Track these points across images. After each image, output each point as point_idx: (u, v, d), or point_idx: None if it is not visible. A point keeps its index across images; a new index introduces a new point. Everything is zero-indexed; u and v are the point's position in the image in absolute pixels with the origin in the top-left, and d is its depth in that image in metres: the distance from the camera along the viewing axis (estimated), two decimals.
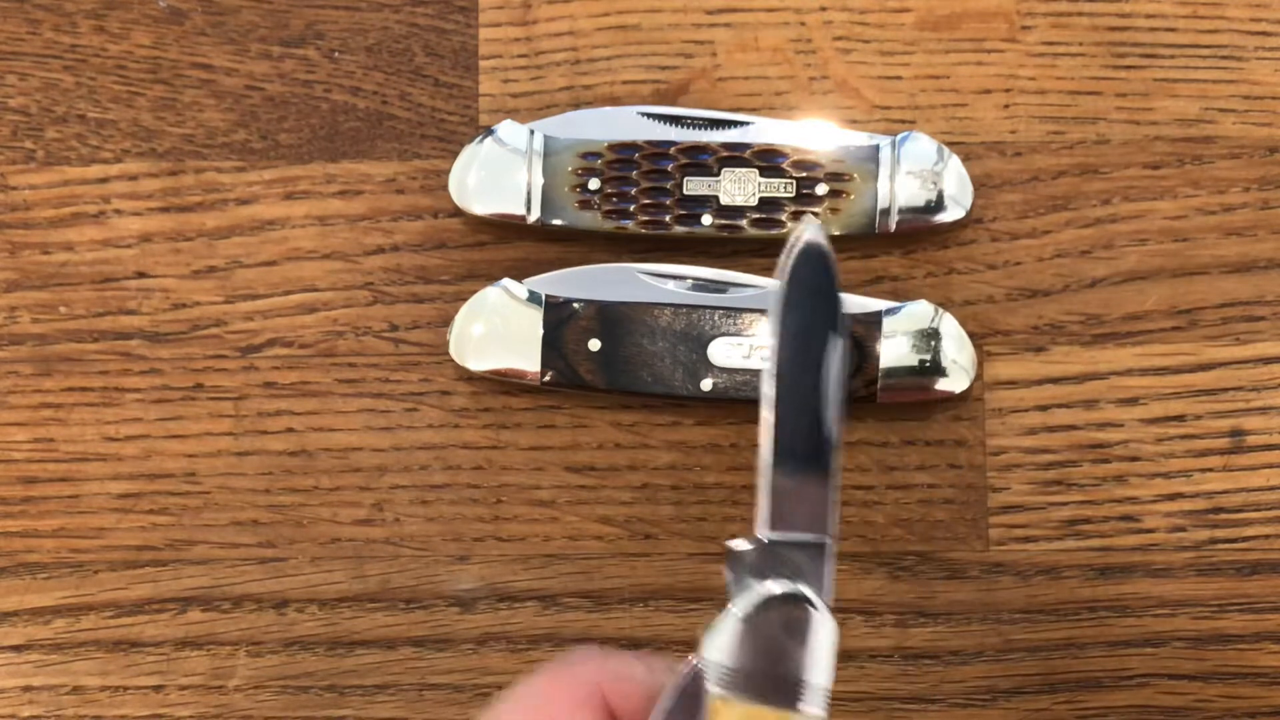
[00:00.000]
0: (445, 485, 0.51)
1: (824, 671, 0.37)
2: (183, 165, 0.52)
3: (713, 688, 0.37)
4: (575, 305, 0.50)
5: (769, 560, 0.38)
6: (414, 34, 0.53)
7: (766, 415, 0.39)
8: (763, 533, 0.39)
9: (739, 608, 0.38)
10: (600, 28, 0.52)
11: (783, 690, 0.37)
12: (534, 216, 0.50)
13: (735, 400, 0.50)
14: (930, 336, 0.50)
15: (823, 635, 0.37)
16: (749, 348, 0.50)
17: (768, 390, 0.39)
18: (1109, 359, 0.51)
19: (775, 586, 0.38)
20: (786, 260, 0.39)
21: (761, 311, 0.50)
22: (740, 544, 0.38)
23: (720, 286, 0.50)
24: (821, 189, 0.50)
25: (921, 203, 0.50)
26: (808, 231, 0.39)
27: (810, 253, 0.40)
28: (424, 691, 0.51)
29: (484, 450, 0.51)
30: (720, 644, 0.38)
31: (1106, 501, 0.51)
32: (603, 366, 0.50)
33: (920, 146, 0.50)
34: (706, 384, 0.50)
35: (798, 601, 0.38)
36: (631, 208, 0.50)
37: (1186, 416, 0.51)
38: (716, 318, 0.50)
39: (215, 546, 0.51)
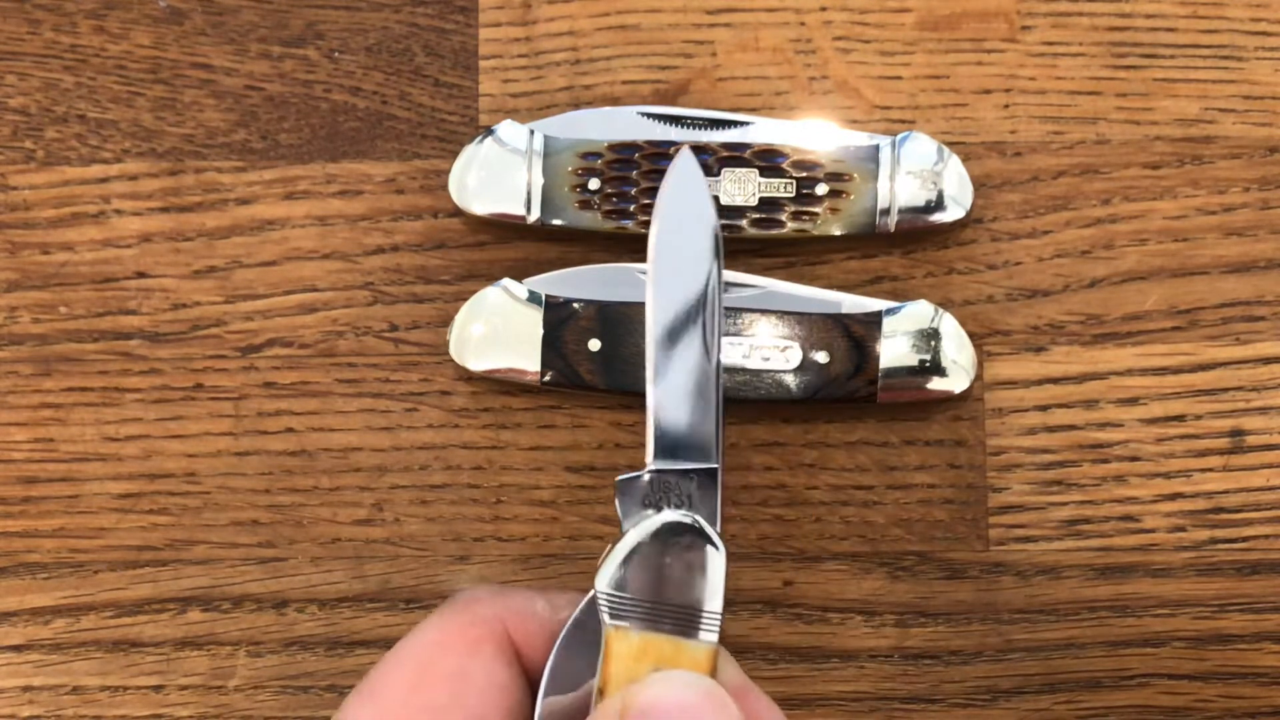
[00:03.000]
0: (445, 485, 0.51)
1: (715, 598, 0.37)
2: (183, 165, 0.52)
3: (608, 619, 0.37)
4: (575, 305, 0.50)
5: (659, 490, 0.39)
6: (414, 34, 0.53)
7: (649, 343, 0.40)
8: (651, 462, 0.39)
9: (629, 538, 0.38)
10: (600, 28, 0.52)
11: (676, 618, 0.37)
12: (534, 216, 0.50)
13: (735, 400, 0.50)
14: (930, 336, 0.50)
15: (713, 562, 0.38)
16: (749, 347, 0.50)
17: (649, 320, 0.40)
18: (1109, 359, 0.51)
19: (665, 516, 0.38)
20: (662, 186, 0.40)
21: (761, 311, 0.50)
22: (629, 475, 0.39)
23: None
24: (821, 189, 0.50)
25: (921, 203, 0.50)
26: (681, 154, 0.40)
27: (683, 171, 0.40)
28: None
29: (484, 450, 0.51)
30: (612, 574, 0.38)
31: (1106, 501, 0.51)
32: (603, 366, 0.50)
33: (920, 146, 0.50)
34: None
35: (687, 529, 0.38)
36: (631, 208, 0.50)
37: (1186, 416, 0.51)
38: None
39: (215, 546, 0.51)
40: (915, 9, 0.52)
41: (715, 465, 0.39)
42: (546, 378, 0.50)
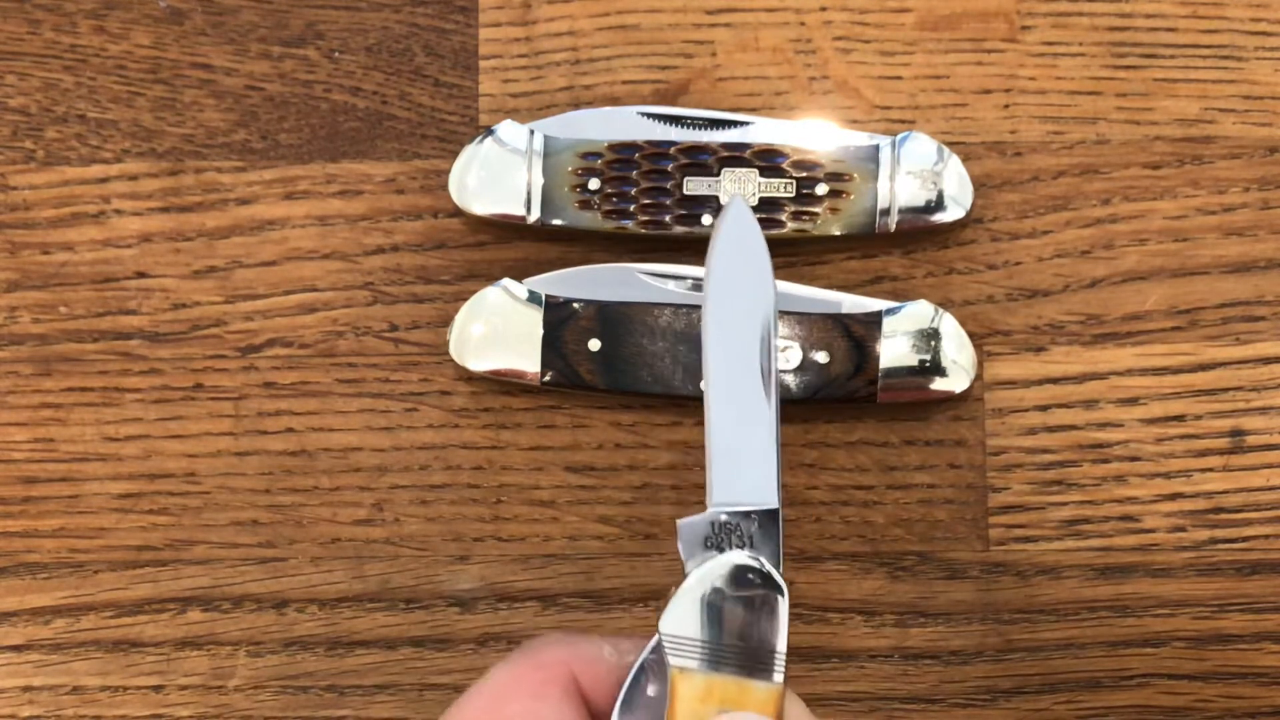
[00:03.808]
0: (445, 485, 0.51)
1: (779, 638, 0.38)
2: (183, 165, 0.52)
3: (673, 660, 0.38)
4: (575, 305, 0.50)
5: (721, 531, 0.39)
6: (414, 34, 0.53)
7: (707, 387, 0.40)
8: (712, 504, 0.39)
9: (692, 580, 0.38)
10: (600, 28, 0.52)
11: (740, 659, 0.38)
12: (534, 216, 0.50)
13: None
14: (930, 336, 0.50)
15: (776, 603, 0.38)
16: None
17: (707, 366, 0.40)
18: (1109, 359, 0.51)
19: (727, 557, 0.39)
20: (717, 226, 0.41)
21: None
22: (691, 518, 0.39)
23: None
24: (821, 189, 0.50)
25: (921, 203, 0.50)
26: (733, 203, 0.41)
27: (737, 215, 0.41)
28: (424, 691, 0.51)
29: (484, 450, 0.51)
30: (676, 617, 0.38)
31: (1106, 501, 0.51)
32: (603, 366, 0.50)
33: (920, 146, 0.50)
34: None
35: (750, 570, 0.38)
36: (631, 208, 0.50)
37: (1186, 416, 0.51)
38: None
39: (215, 546, 0.51)
40: (915, 9, 0.52)
41: (776, 506, 0.39)
42: (546, 378, 0.50)
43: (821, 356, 0.50)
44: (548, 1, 0.52)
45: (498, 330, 0.50)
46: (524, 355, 0.50)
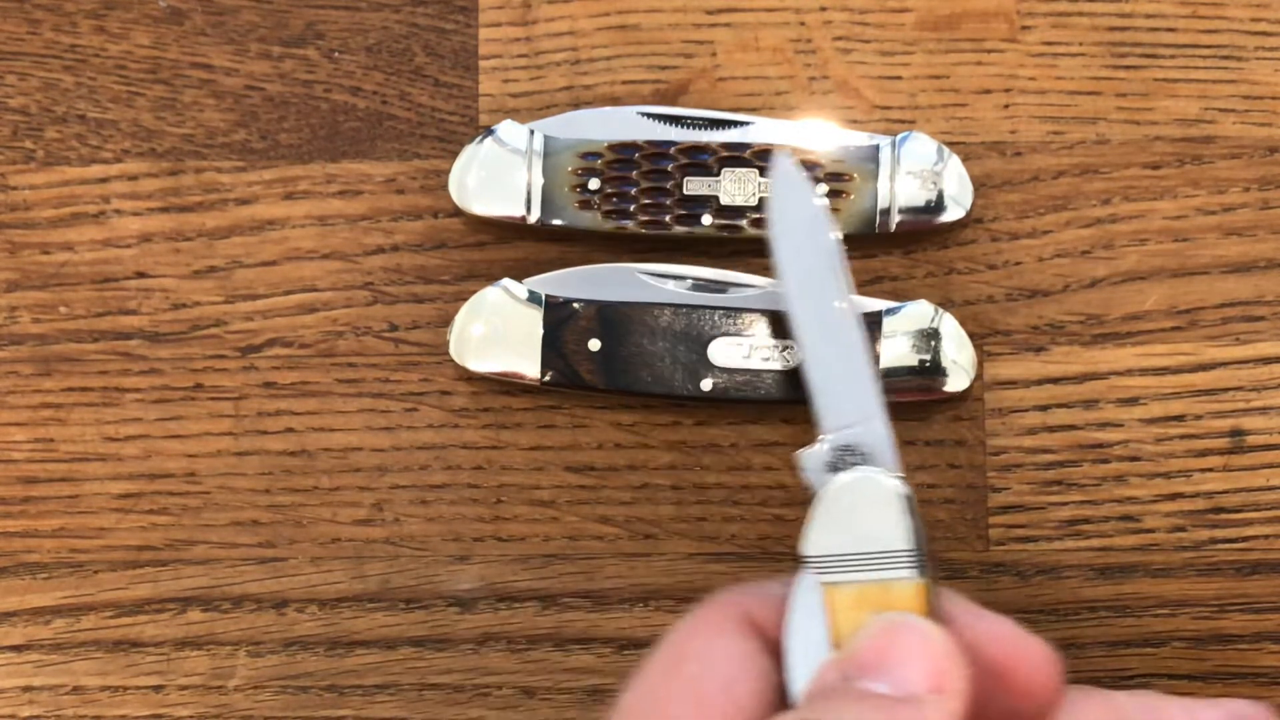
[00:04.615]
0: (445, 485, 0.51)
1: (909, 537, 0.41)
2: (183, 165, 0.52)
3: (821, 578, 0.41)
4: (575, 305, 0.50)
5: (836, 454, 0.43)
6: (414, 34, 0.53)
7: (791, 324, 0.44)
8: (823, 433, 0.43)
9: (821, 502, 0.42)
10: (600, 28, 0.52)
11: (878, 564, 0.41)
12: (534, 216, 0.50)
13: (735, 400, 0.50)
14: (930, 336, 0.50)
15: (900, 505, 0.41)
16: (749, 348, 0.50)
17: (787, 302, 0.44)
18: (1109, 359, 0.51)
19: (847, 475, 0.42)
20: (770, 186, 0.45)
21: (761, 312, 0.50)
22: (806, 450, 0.43)
23: (720, 286, 0.50)
24: (821, 189, 0.50)
25: (921, 203, 0.50)
26: (778, 159, 0.45)
27: (784, 170, 0.45)
28: (424, 691, 0.51)
29: (484, 450, 0.51)
30: (814, 539, 0.41)
31: (1106, 501, 0.51)
32: (603, 366, 0.50)
33: (920, 146, 0.50)
34: (706, 384, 0.50)
35: (866, 480, 0.42)
36: (631, 208, 0.50)
37: (1186, 416, 0.51)
38: (716, 318, 0.50)
39: (215, 546, 0.51)
40: (915, 9, 0.52)
41: (879, 418, 0.43)
42: (546, 378, 0.50)
43: None
44: (548, 1, 0.52)
45: (498, 330, 0.50)
46: (524, 355, 0.50)
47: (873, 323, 0.50)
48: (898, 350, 0.50)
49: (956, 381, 0.50)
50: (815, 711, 0.39)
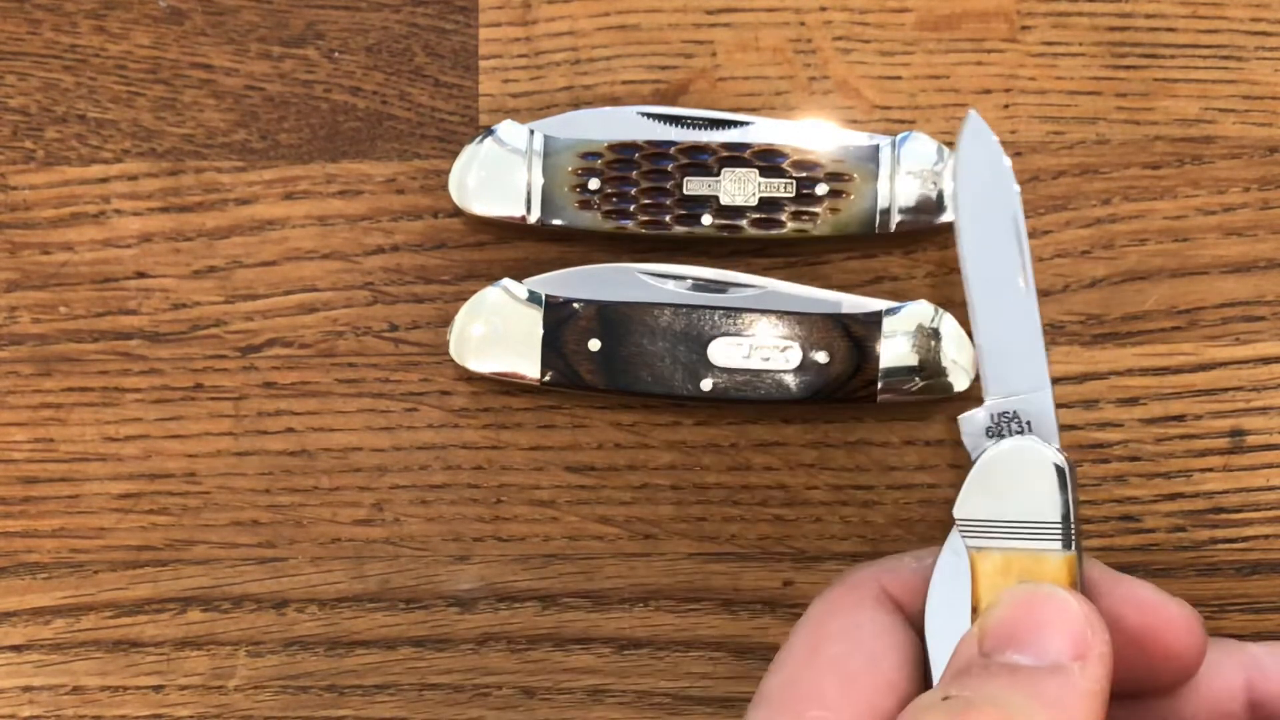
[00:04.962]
0: (445, 485, 0.51)
1: (1061, 508, 0.41)
2: (183, 165, 0.52)
3: (970, 542, 0.41)
4: (575, 305, 0.50)
5: (998, 420, 0.43)
6: (414, 34, 0.53)
7: (969, 289, 0.44)
8: (988, 398, 0.43)
9: (979, 466, 0.42)
10: (600, 28, 0.52)
11: (1030, 533, 0.41)
12: (534, 216, 0.50)
13: (735, 400, 0.50)
14: (930, 336, 0.50)
15: (1056, 476, 0.41)
16: (749, 348, 0.50)
17: (965, 263, 0.44)
18: (1109, 359, 0.51)
19: (1007, 442, 0.42)
20: (959, 140, 0.44)
21: (761, 311, 0.50)
22: (967, 414, 0.43)
23: (720, 286, 0.50)
24: (821, 189, 0.50)
25: (921, 203, 0.50)
26: (970, 117, 0.45)
27: (975, 127, 0.45)
28: (424, 691, 0.51)
29: (484, 450, 0.51)
30: (968, 502, 0.42)
31: (1106, 501, 0.51)
32: (603, 366, 0.50)
33: (920, 146, 0.50)
34: (706, 384, 0.50)
35: (1029, 450, 0.42)
36: (631, 208, 0.50)
37: (1186, 416, 0.51)
38: (716, 318, 0.50)
39: (215, 546, 0.51)
40: (915, 9, 0.52)
41: (1046, 389, 0.43)
42: (546, 378, 0.50)
43: (821, 356, 0.50)
44: (548, 1, 0.52)
45: (498, 330, 0.50)
46: (524, 355, 0.50)
47: (873, 322, 0.50)
48: (898, 350, 0.50)
49: (956, 381, 0.50)
50: (956, 688, 0.38)
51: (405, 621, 0.51)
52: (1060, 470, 0.42)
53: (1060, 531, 0.41)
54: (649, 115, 0.51)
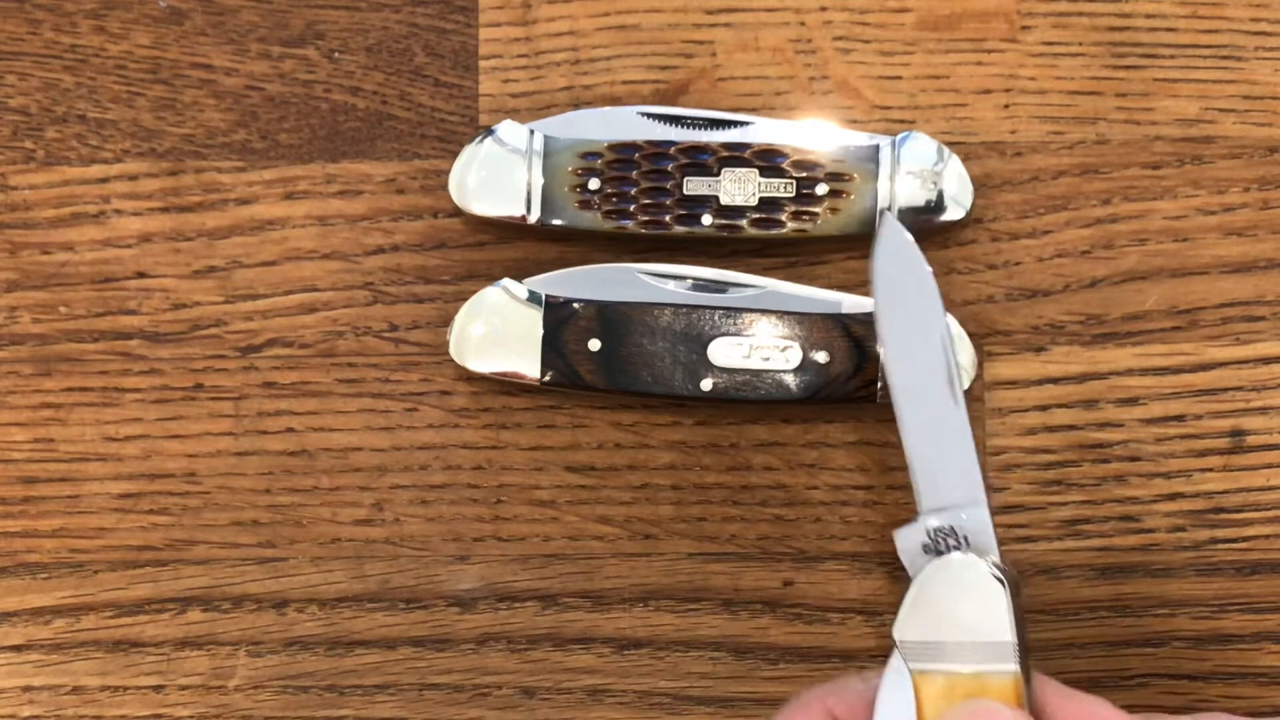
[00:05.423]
0: (445, 485, 0.51)
1: (1006, 629, 0.40)
2: (183, 165, 0.52)
3: (912, 665, 0.40)
4: (575, 305, 0.50)
5: (936, 537, 0.42)
6: (414, 34, 0.53)
7: (895, 403, 0.43)
8: (922, 510, 0.42)
9: (916, 586, 0.41)
10: (600, 28, 0.52)
11: (973, 653, 0.40)
12: (534, 216, 0.50)
13: (735, 400, 0.50)
14: None
15: (998, 595, 0.41)
16: (749, 348, 0.50)
17: (890, 375, 0.43)
18: (1109, 359, 0.51)
19: (946, 559, 0.41)
20: (874, 246, 0.43)
21: (761, 311, 0.50)
22: (906, 527, 0.42)
23: (720, 286, 0.50)
24: (821, 189, 0.50)
25: (921, 203, 0.50)
26: (886, 219, 0.44)
27: (892, 230, 0.44)
28: (424, 691, 0.51)
29: (484, 450, 0.51)
30: (908, 623, 0.41)
31: (1106, 501, 0.51)
32: (603, 366, 0.50)
33: (920, 146, 0.50)
34: (706, 384, 0.50)
35: (968, 568, 0.41)
36: (631, 208, 0.50)
37: (1186, 416, 0.51)
38: (716, 318, 0.50)
39: (215, 546, 0.51)
40: (915, 9, 0.52)
41: (982, 503, 0.42)
42: (546, 378, 0.50)
43: (821, 356, 0.50)
44: (548, 1, 0.52)
45: (498, 330, 0.50)
46: (524, 355, 0.50)
47: (873, 323, 0.50)
48: None
49: None
50: None
51: (405, 621, 0.51)
52: (1001, 586, 0.41)
53: (1004, 651, 0.40)
54: (649, 115, 0.51)
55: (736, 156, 0.50)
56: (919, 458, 0.43)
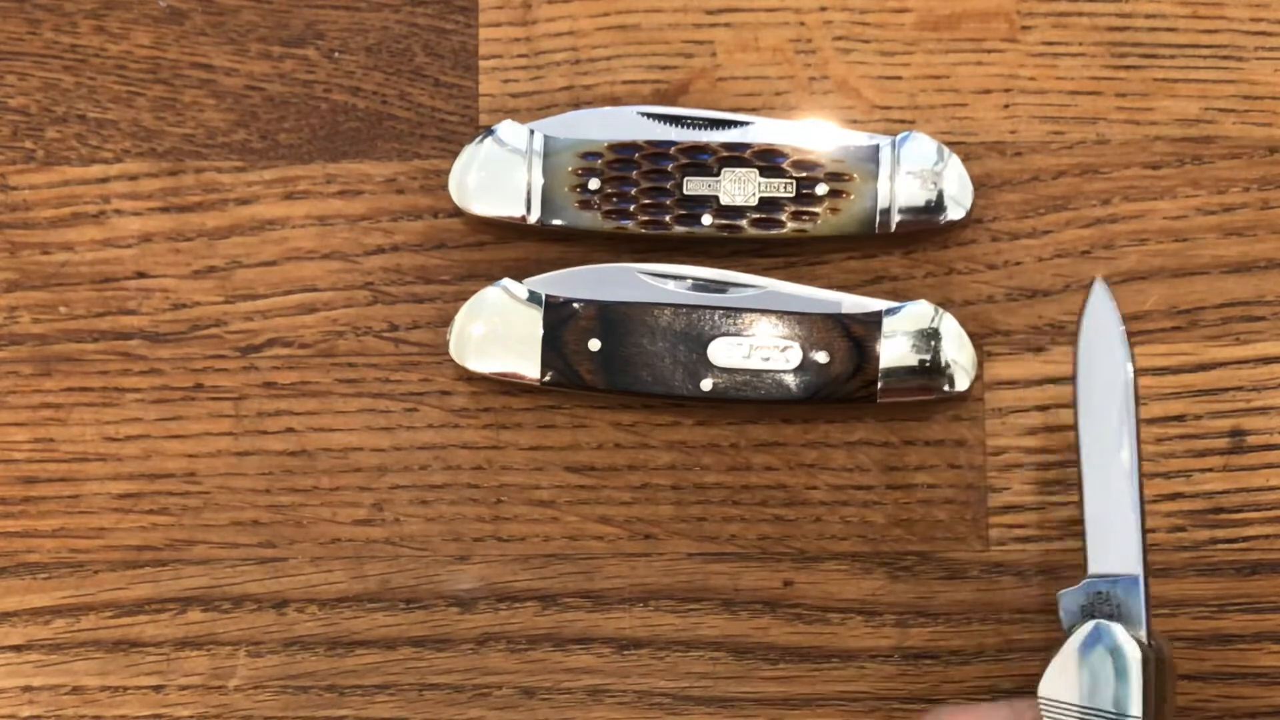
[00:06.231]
0: (445, 485, 0.51)
1: (1139, 702, 0.42)
2: (183, 165, 0.52)
3: None
4: (575, 305, 0.50)
5: (1093, 597, 0.44)
6: (414, 34, 0.53)
7: (1081, 460, 0.45)
8: (1088, 571, 0.44)
9: (1067, 648, 0.43)
10: (600, 28, 0.52)
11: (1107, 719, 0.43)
12: (534, 216, 0.50)
13: (735, 400, 0.50)
14: (930, 336, 0.50)
15: (1136, 669, 0.43)
16: (749, 348, 0.50)
17: (1080, 437, 0.45)
18: None
19: (1096, 625, 0.43)
20: (1084, 307, 0.45)
21: (761, 311, 0.50)
22: (1070, 590, 0.44)
23: (720, 286, 0.50)
24: (821, 189, 0.50)
25: (921, 203, 0.50)
26: (1096, 286, 0.45)
27: (1100, 298, 0.45)
28: (424, 691, 0.51)
29: (484, 450, 0.51)
30: (1053, 682, 0.43)
31: None
32: (603, 366, 0.50)
33: (920, 146, 0.50)
34: (706, 384, 0.50)
35: (1114, 636, 0.43)
36: (631, 208, 0.50)
37: (1186, 416, 0.51)
38: (716, 318, 0.50)
39: (215, 546, 0.51)
40: (915, 9, 0.52)
41: (1141, 576, 0.44)
42: (546, 378, 0.50)
43: (821, 356, 0.50)
44: (548, 1, 0.52)
45: (498, 330, 0.50)
46: (524, 355, 0.50)
47: (873, 323, 0.50)
48: (898, 350, 0.50)
49: (956, 381, 0.50)
50: None
51: (405, 621, 0.51)
52: (1142, 664, 0.42)
53: None
54: (649, 115, 0.51)
55: (736, 156, 0.50)
56: (1093, 521, 0.44)
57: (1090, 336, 0.45)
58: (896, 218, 0.50)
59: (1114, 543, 0.44)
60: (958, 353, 0.50)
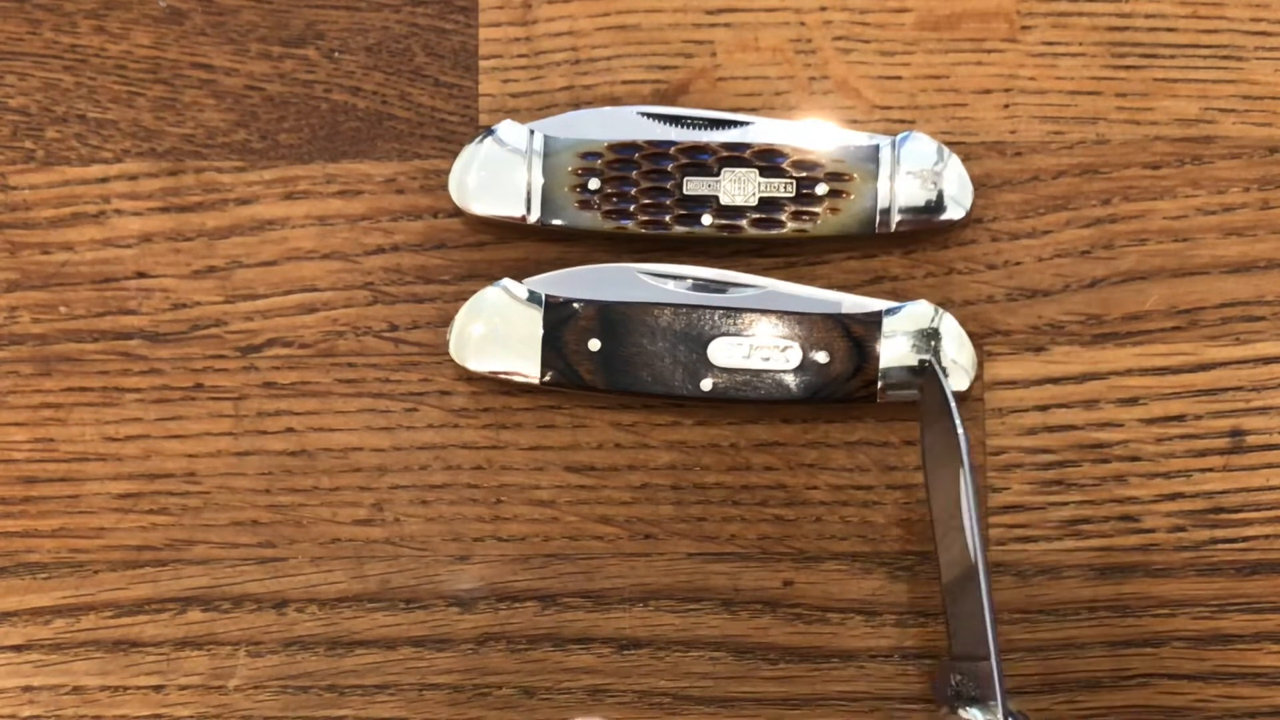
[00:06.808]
0: (445, 485, 0.51)
1: None
2: (183, 165, 0.52)
3: None
4: (575, 305, 0.50)
5: (957, 680, 0.46)
6: (414, 34, 0.53)
7: (937, 551, 0.46)
8: (951, 657, 0.46)
9: None
10: (600, 28, 0.52)
11: None
12: (534, 216, 0.50)
13: (735, 400, 0.50)
14: (930, 336, 0.50)
15: None
16: (749, 348, 0.50)
17: (934, 527, 0.46)
18: (1109, 359, 0.51)
19: (954, 712, 0.46)
20: (921, 398, 0.46)
21: (761, 311, 0.50)
22: (940, 668, 0.47)
23: (720, 286, 0.50)
24: (821, 189, 0.50)
25: (921, 203, 0.50)
26: (932, 371, 0.47)
27: (932, 382, 0.46)
28: (424, 691, 0.51)
29: (484, 450, 0.51)
30: None
31: (1106, 501, 0.51)
32: (603, 366, 0.50)
33: (920, 146, 0.50)
34: (706, 384, 0.50)
35: None
36: (631, 208, 0.50)
37: (1186, 416, 0.51)
38: (716, 318, 0.50)
39: (215, 546, 0.51)
40: (915, 9, 0.52)
41: (989, 659, 0.45)
42: (546, 378, 0.50)
43: (821, 356, 0.50)
44: (548, 1, 0.52)
45: (498, 330, 0.50)
46: (524, 355, 0.50)
47: (873, 322, 0.50)
48: (898, 350, 0.50)
49: (956, 381, 0.50)
50: None
51: (405, 621, 0.51)
52: None
53: None
54: (649, 115, 0.51)
55: (736, 156, 0.50)
56: (950, 604, 0.46)
57: (930, 420, 0.46)
58: (896, 218, 0.50)
59: (967, 626, 0.45)
60: (958, 353, 0.50)
